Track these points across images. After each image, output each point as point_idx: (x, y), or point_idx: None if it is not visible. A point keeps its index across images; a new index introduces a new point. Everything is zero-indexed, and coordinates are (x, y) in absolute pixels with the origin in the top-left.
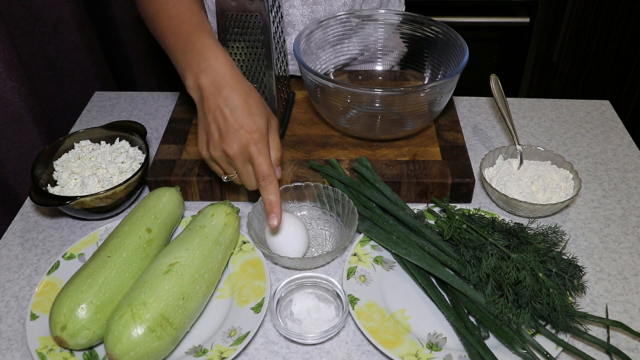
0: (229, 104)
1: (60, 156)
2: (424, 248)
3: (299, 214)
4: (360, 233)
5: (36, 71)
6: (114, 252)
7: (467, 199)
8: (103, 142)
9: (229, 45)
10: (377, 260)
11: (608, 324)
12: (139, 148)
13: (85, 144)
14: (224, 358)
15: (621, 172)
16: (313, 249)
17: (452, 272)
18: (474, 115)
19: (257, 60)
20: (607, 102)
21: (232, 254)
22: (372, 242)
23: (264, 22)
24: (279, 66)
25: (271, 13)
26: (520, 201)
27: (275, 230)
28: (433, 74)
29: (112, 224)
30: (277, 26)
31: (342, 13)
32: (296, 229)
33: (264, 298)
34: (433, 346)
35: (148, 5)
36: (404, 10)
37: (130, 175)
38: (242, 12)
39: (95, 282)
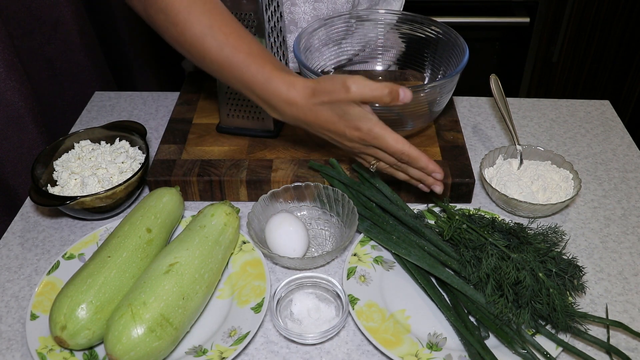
0: (313, 119)
1: (60, 156)
2: (424, 248)
3: (299, 214)
4: (360, 233)
5: (36, 71)
6: (114, 252)
7: (467, 199)
8: (103, 142)
9: None
10: (377, 260)
11: (608, 324)
12: (139, 148)
13: (85, 144)
14: (224, 358)
15: (621, 172)
16: (313, 249)
17: (452, 272)
18: (474, 115)
19: None
20: (607, 102)
21: (232, 254)
22: (372, 242)
23: (259, 21)
24: None
25: (266, 12)
26: (520, 201)
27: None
28: (433, 74)
29: (112, 224)
30: (275, 25)
31: (343, 13)
32: (296, 229)
33: (264, 298)
34: (433, 346)
35: (186, 29)
36: (402, 7)
37: (130, 175)
38: (237, 10)
39: (95, 282)
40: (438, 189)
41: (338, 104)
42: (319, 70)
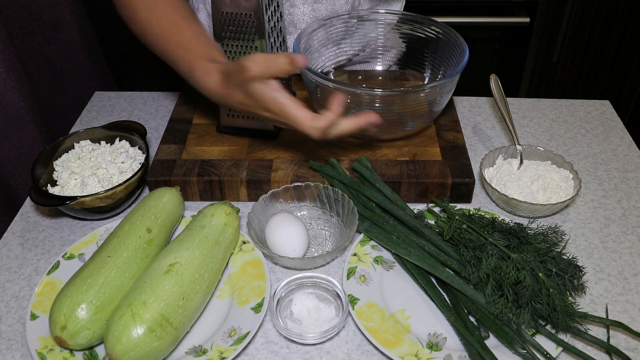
0: (230, 102)
1: (60, 156)
2: (424, 248)
3: (299, 214)
4: (360, 233)
5: (36, 71)
6: (114, 252)
7: (467, 199)
8: (103, 142)
9: (224, 43)
10: (377, 260)
11: (608, 324)
12: (139, 148)
13: (85, 144)
14: (224, 358)
15: (621, 172)
16: (313, 249)
17: (452, 272)
18: (474, 115)
19: None
20: (607, 102)
21: (232, 254)
22: (372, 242)
23: (258, 21)
24: None
25: (266, 12)
26: (520, 201)
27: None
28: (433, 74)
29: (112, 224)
30: (275, 25)
31: (343, 13)
32: (296, 229)
33: (264, 298)
34: (433, 346)
35: (133, 25)
36: (403, 8)
37: (130, 175)
38: (237, 10)
39: (95, 282)
40: (373, 118)
41: (244, 85)
42: (320, 71)
